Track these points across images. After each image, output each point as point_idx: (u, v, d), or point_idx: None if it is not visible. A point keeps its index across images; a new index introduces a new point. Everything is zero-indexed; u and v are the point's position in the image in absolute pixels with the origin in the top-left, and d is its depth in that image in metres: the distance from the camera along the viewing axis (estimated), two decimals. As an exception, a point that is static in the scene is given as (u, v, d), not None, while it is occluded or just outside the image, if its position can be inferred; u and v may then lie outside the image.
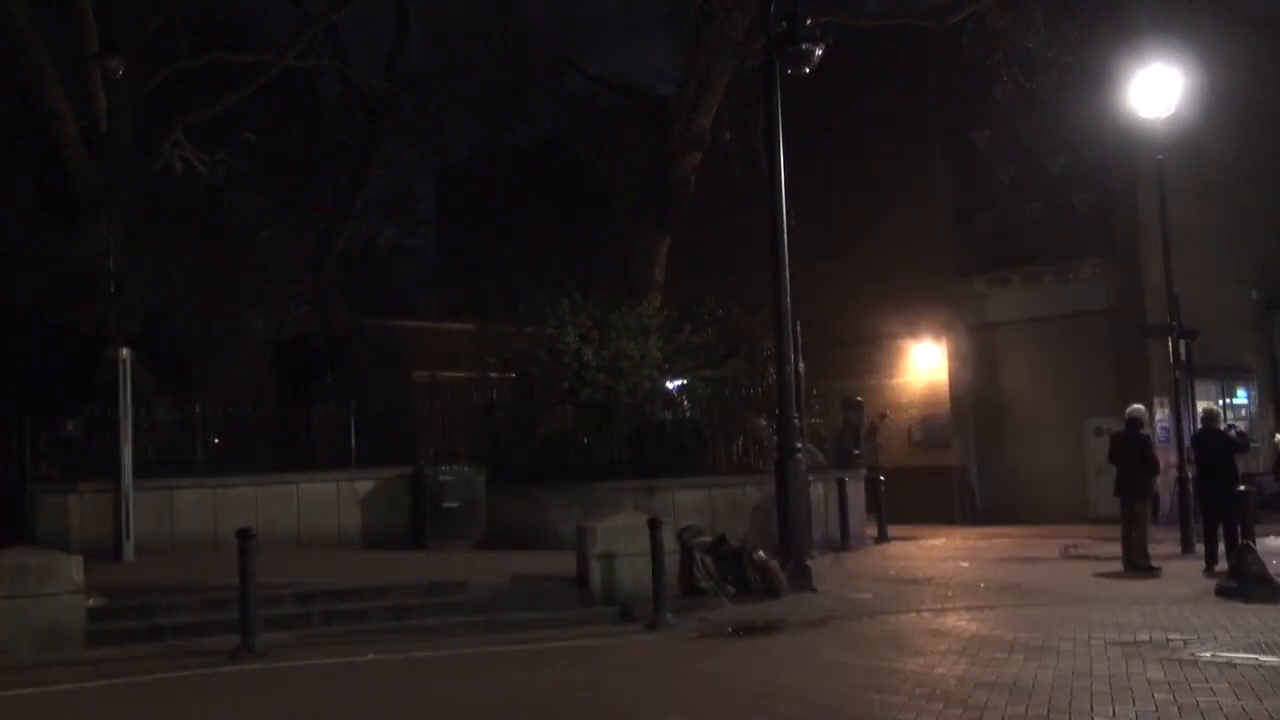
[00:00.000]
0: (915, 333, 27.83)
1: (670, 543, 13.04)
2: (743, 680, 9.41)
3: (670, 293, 23.25)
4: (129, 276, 19.17)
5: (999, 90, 22.94)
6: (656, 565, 12.24)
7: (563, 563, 14.09)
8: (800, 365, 17.27)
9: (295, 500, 18.17)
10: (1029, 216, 26.03)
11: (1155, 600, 13.40)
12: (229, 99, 21.90)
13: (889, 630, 11.81)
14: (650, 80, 38.66)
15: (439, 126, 34.12)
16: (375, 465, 18.86)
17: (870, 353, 27.83)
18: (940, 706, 8.07)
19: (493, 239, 34.06)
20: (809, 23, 14.79)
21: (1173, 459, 20.03)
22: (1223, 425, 20.03)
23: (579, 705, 8.78)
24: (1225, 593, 13.58)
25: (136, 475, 16.95)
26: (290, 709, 9.02)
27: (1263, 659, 9.59)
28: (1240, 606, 12.77)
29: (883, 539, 21.46)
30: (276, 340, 30.80)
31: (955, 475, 26.98)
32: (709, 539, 14.41)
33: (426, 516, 18.36)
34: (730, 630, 11.87)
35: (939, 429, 27.61)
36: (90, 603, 11.59)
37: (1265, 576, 13.59)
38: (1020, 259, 26.23)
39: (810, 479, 16.11)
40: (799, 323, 16.56)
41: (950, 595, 14.24)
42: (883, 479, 22.11)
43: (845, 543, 19.55)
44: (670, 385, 20.60)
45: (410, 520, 18.61)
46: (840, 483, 19.75)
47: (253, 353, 30.99)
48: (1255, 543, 15.04)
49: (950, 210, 27.26)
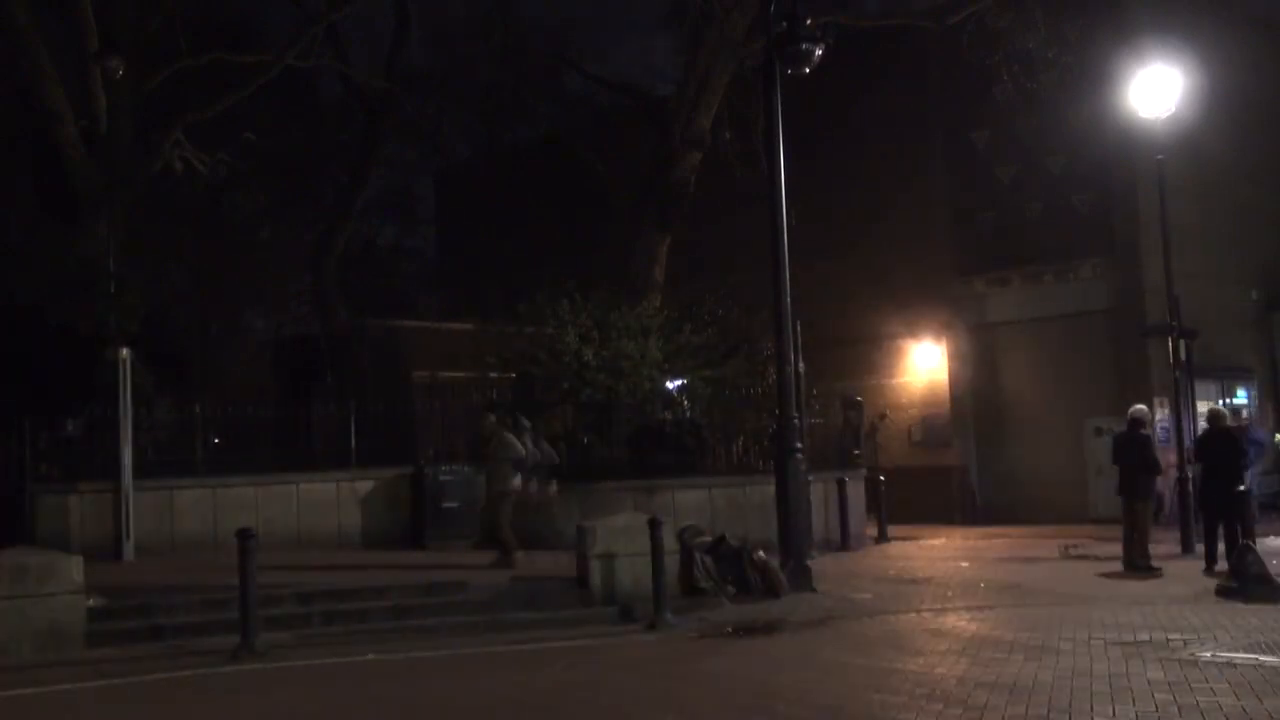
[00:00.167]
0: (915, 333, 27.80)
1: (670, 543, 13.04)
2: (743, 680, 9.41)
3: (670, 293, 23.26)
4: (129, 276, 19.18)
5: (999, 90, 22.93)
6: (656, 565, 12.25)
7: (563, 563, 14.10)
8: (800, 365, 17.26)
9: (295, 500, 18.19)
10: (1029, 216, 26.00)
11: (1155, 600, 13.40)
12: (229, 99, 21.92)
13: (889, 630, 11.81)
14: (650, 80, 38.81)
15: (439, 126, 34.12)
16: (375, 465, 18.89)
17: (870, 353, 27.80)
18: (940, 706, 8.08)
19: (493, 239, 34.03)
20: (809, 23, 14.79)
21: (1173, 459, 20.01)
22: (1245, 427, 20.11)
23: (579, 705, 8.78)
24: (1225, 593, 13.59)
25: (136, 475, 16.98)
26: (290, 709, 9.03)
27: (1263, 659, 9.59)
28: (1240, 606, 12.78)
29: (883, 539, 21.45)
30: (276, 340, 30.81)
31: (955, 475, 26.95)
32: (709, 539, 14.41)
33: (426, 516, 18.39)
34: (730, 630, 11.87)
35: (939, 429, 27.59)
36: (90, 603, 11.59)
37: (1265, 576, 13.59)
38: (1020, 259, 26.21)
39: (810, 479, 16.11)
40: (799, 323, 16.55)
41: (950, 595, 14.24)
42: (883, 479, 22.08)
43: (845, 543, 19.55)
44: (670, 385, 20.61)
45: (410, 520, 18.64)
46: (840, 483, 19.74)
47: (253, 353, 31.01)
48: (1255, 542, 15.03)
49: (950, 210, 27.23)
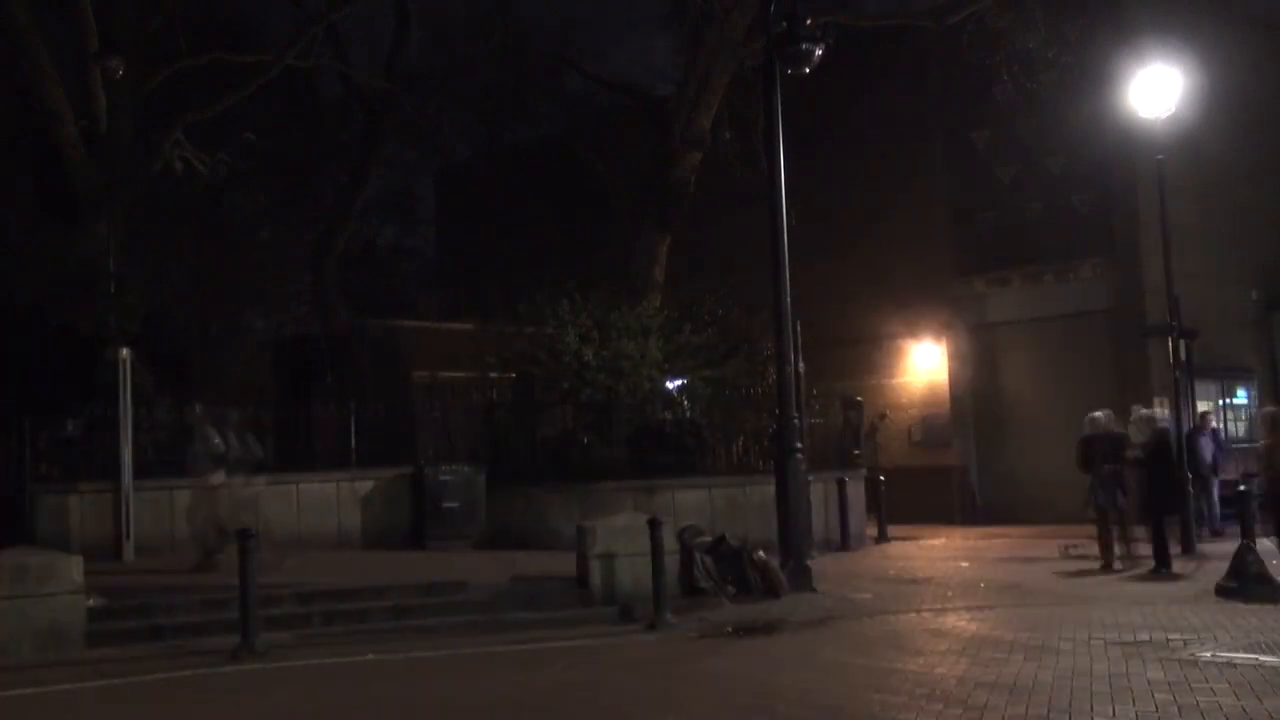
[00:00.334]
0: (915, 333, 27.79)
1: (670, 543, 13.04)
2: (743, 680, 9.41)
3: (670, 293, 23.24)
4: (129, 276, 19.17)
5: (999, 90, 22.92)
6: (656, 565, 12.24)
7: (563, 563, 14.09)
8: (800, 365, 17.25)
9: (295, 500, 18.18)
10: (1029, 216, 25.99)
11: (1155, 600, 13.39)
12: (229, 99, 21.90)
13: (889, 630, 11.81)
14: (650, 80, 38.65)
15: (439, 126, 34.08)
16: (375, 465, 18.87)
17: (870, 353, 27.79)
18: (940, 706, 8.08)
19: (493, 239, 34.00)
20: (809, 23, 14.78)
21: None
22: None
23: (579, 705, 8.78)
24: (1225, 593, 13.57)
25: (136, 475, 16.94)
26: (290, 709, 9.02)
27: (1263, 659, 9.59)
28: (1240, 606, 12.76)
29: (883, 539, 21.45)
30: (276, 340, 30.75)
31: (955, 475, 26.94)
32: (709, 539, 14.40)
33: (426, 516, 18.37)
34: (730, 630, 11.87)
35: (939, 429, 27.57)
36: (90, 603, 11.58)
37: (1265, 576, 13.57)
38: (1020, 259, 26.20)
39: (810, 479, 16.11)
40: (799, 323, 16.54)
41: (950, 595, 14.24)
42: (883, 479, 22.08)
43: (845, 543, 19.55)
44: (670, 385, 20.60)
45: (410, 520, 18.62)
46: (840, 483, 19.74)
47: (253, 353, 30.94)
48: (1255, 543, 15.01)
49: (950, 210, 27.21)
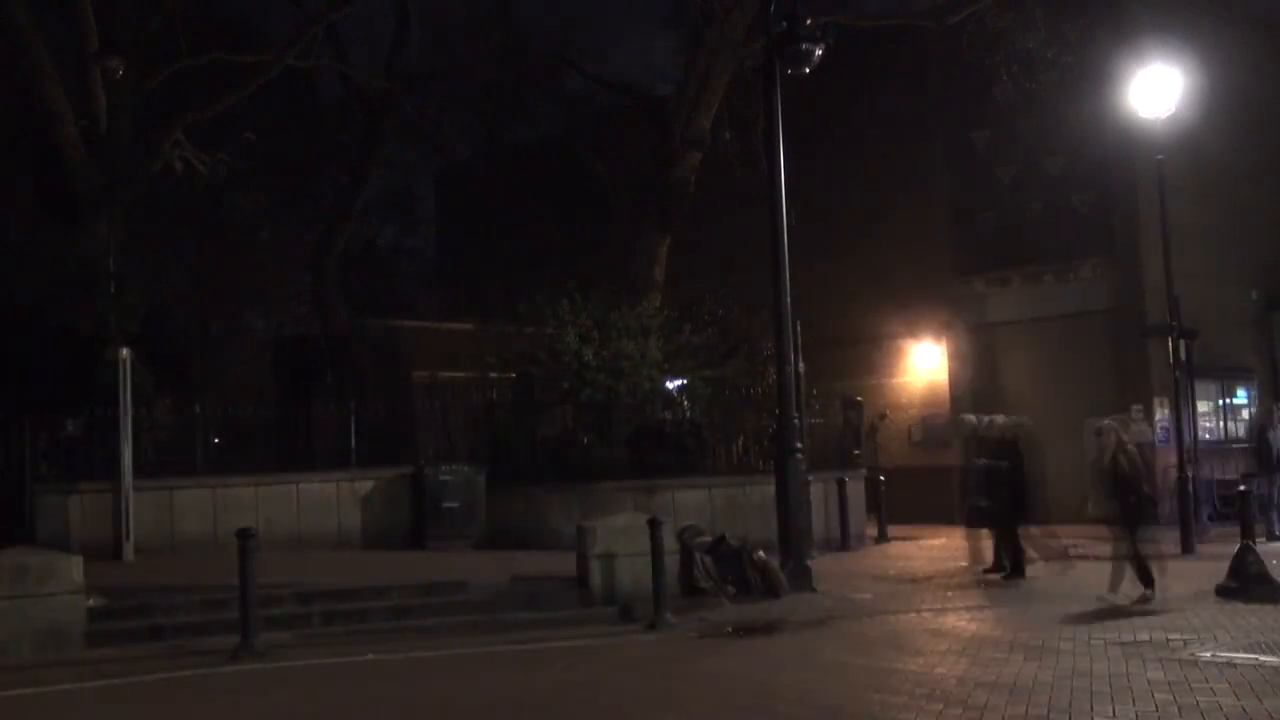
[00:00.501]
0: (915, 333, 27.79)
1: (670, 543, 13.04)
2: (743, 680, 9.41)
3: (670, 293, 23.24)
4: (129, 276, 19.16)
5: (999, 90, 22.93)
6: (656, 565, 12.25)
7: (563, 563, 14.09)
8: (800, 365, 17.26)
9: (295, 500, 18.17)
10: (1029, 216, 25.98)
11: (1155, 600, 13.38)
12: (229, 99, 21.89)
13: (889, 630, 11.81)
14: (650, 80, 38.65)
15: (439, 126, 34.08)
16: (375, 465, 18.86)
17: (870, 353, 27.79)
18: (940, 706, 8.08)
19: (493, 239, 34.01)
20: (809, 23, 14.79)
21: (1172, 459, 20.02)
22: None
23: (579, 705, 8.78)
24: (1225, 593, 13.56)
25: (136, 475, 16.93)
26: (290, 709, 9.02)
27: (1263, 659, 9.59)
28: (1240, 606, 12.75)
29: (883, 539, 21.46)
30: (276, 340, 30.75)
31: (955, 475, 26.90)
32: (709, 539, 14.41)
33: (426, 516, 18.36)
34: (730, 630, 11.88)
35: (939, 429, 27.53)
36: (90, 603, 11.59)
37: (1265, 576, 13.57)
38: (1020, 259, 26.19)
39: (810, 479, 16.11)
40: (799, 323, 16.55)
41: (950, 595, 14.25)
42: (883, 479, 22.09)
43: (845, 543, 19.55)
44: (670, 385, 20.60)
45: (410, 520, 18.62)
46: (840, 483, 19.75)
47: (253, 353, 30.96)
48: (1255, 543, 15.01)
49: (950, 210, 27.21)
